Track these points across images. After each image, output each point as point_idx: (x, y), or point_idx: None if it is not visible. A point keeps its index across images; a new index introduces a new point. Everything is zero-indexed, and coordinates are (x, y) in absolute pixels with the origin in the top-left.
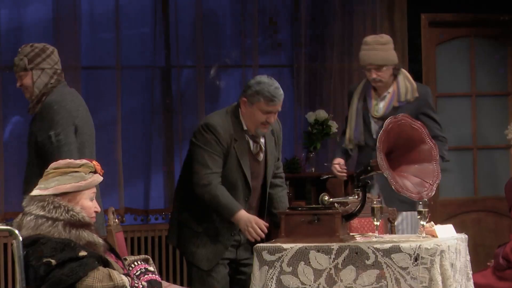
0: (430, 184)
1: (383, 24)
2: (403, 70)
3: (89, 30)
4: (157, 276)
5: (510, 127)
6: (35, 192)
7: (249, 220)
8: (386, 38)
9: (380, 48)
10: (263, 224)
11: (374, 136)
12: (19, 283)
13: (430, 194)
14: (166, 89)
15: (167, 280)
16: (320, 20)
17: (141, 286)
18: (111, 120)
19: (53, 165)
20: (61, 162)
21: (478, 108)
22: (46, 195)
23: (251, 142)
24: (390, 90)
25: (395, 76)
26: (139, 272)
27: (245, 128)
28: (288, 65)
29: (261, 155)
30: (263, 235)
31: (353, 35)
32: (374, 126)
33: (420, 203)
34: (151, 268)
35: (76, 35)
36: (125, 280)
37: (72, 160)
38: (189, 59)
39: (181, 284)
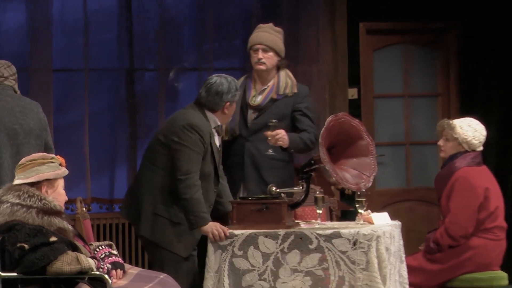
0: (367, 176)
1: (325, 31)
2: (286, 69)
3: (61, 36)
4: (119, 259)
5: (439, 123)
6: (17, 181)
7: (214, 224)
8: (279, 28)
9: (272, 32)
10: (226, 229)
11: (249, 125)
12: None
13: (367, 185)
14: (130, 90)
15: (130, 263)
16: None
17: (106, 267)
18: (80, 118)
19: (27, 158)
20: (35, 155)
21: (410, 108)
22: (25, 183)
23: (216, 136)
24: (270, 83)
25: (277, 69)
26: (103, 255)
27: (218, 123)
28: (240, 68)
29: (220, 146)
30: (224, 238)
31: (298, 41)
32: (250, 116)
33: (359, 193)
34: (114, 252)
35: (48, 41)
36: (92, 262)
37: (45, 153)
38: (151, 63)
39: (142, 267)
